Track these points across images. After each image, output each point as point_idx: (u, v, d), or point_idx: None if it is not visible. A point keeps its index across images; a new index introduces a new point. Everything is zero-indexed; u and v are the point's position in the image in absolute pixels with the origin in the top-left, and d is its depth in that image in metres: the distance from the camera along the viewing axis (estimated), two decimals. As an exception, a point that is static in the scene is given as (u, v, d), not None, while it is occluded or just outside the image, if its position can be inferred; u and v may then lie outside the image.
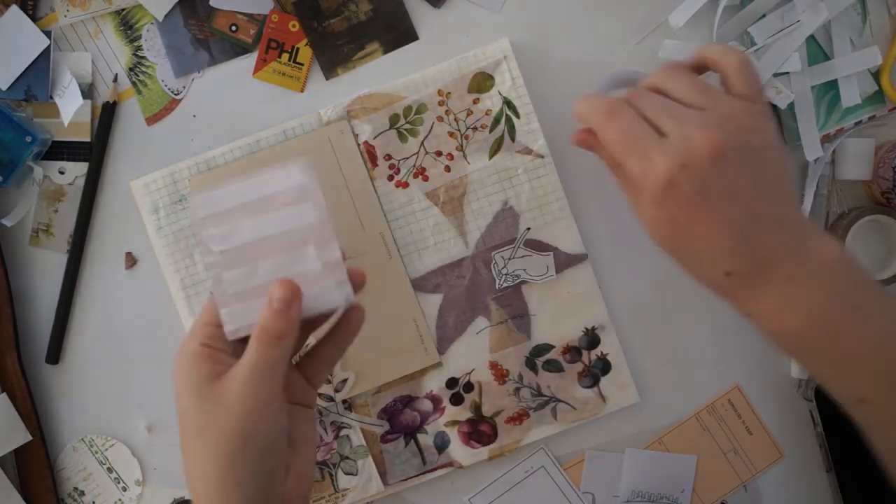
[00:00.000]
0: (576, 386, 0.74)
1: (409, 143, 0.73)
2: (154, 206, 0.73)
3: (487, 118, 0.73)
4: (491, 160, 0.73)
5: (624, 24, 0.75)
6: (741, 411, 0.76)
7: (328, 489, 0.74)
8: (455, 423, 0.74)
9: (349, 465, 0.74)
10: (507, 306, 0.73)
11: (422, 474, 0.74)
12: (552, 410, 0.74)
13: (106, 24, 0.74)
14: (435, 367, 0.74)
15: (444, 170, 0.73)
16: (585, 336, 0.74)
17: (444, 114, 0.73)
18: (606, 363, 0.74)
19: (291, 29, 0.74)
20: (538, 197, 0.73)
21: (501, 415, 0.74)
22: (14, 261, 0.74)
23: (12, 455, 0.73)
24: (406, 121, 0.73)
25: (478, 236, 0.73)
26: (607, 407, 0.74)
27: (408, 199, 0.73)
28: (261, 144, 0.73)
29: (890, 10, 0.75)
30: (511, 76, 0.73)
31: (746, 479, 0.76)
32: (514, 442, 0.74)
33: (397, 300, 0.73)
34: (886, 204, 0.75)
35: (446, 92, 0.73)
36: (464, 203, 0.73)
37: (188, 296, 0.73)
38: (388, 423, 0.74)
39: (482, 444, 0.74)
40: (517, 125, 0.73)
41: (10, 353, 0.73)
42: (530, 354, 0.74)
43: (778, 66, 0.73)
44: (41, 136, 0.72)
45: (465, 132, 0.73)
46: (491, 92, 0.73)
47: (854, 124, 0.75)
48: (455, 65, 0.73)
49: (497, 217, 0.73)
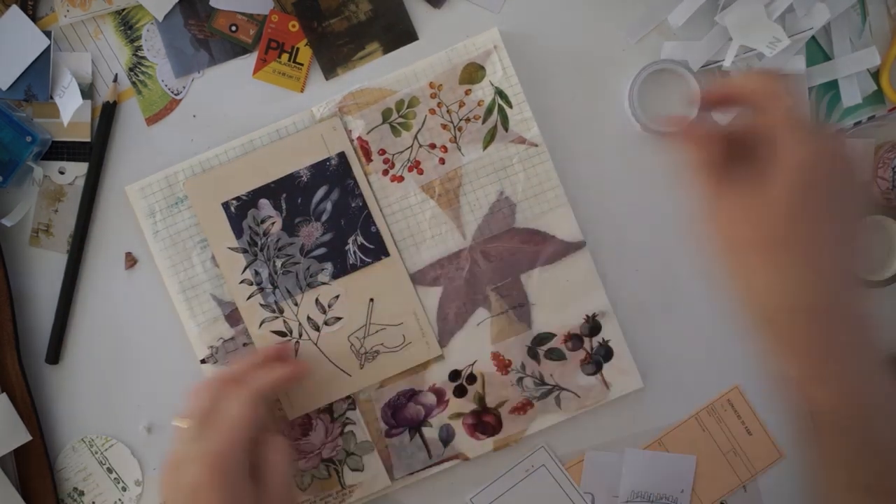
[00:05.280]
0: (579, 373, 0.74)
1: (402, 136, 0.74)
2: (150, 210, 0.73)
3: (480, 109, 0.74)
4: (485, 151, 0.74)
5: (624, 23, 0.76)
6: (741, 411, 0.76)
7: (335, 486, 0.73)
8: (459, 415, 0.73)
9: (355, 461, 0.73)
10: (506, 296, 0.73)
11: (428, 468, 0.73)
12: (556, 399, 0.74)
13: (106, 24, 0.75)
14: (437, 360, 0.74)
15: (439, 162, 0.74)
16: (586, 323, 0.74)
17: (436, 106, 0.74)
18: (608, 350, 0.74)
19: (291, 29, 0.75)
20: (534, 186, 0.74)
21: (505, 405, 0.74)
22: (14, 261, 0.74)
23: (12, 455, 0.73)
24: (399, 115, 0.73)
25: (475, 227, 0.74)
26: (611, 393, 0.74)
27: (403, 193, 0.74)
28: (255, 144, 0.73)
29: (890, 11, 0.75)
30: (502, 66, 0.73)
31: (746, 480, 0.76)
32: (520, 432, 0.73)
33: (397, 294, 0.73)
34: (886, 204, 0.75)
35: (438, 84, 0.74)
36: (460, 195, 0.74)
37: (188, 298, 0.73)
38: (392, 418, 0.73)
39: (487, 436, 0.73)
40: (510, 115, 0.74)
41: (10, 353, 0.72)
42: (532, 343, 0.74)
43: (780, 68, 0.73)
44: (41, 136, 0.73)
45: (458, 124, 0.74)
46: (482, 82, 0.74)
47: (854, 124, 0.75)
48: (445, 56, 0.74)
49: (493, 207, 0.74)
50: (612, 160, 0.76)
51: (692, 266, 0.76)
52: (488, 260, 0.74)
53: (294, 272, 0.73)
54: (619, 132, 0.76)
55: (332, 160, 0.73)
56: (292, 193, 0.73)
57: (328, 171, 0.73)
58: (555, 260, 0.74)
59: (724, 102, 0.58)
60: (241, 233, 0.73)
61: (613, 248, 0.75)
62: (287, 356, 0.72)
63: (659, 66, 0.74)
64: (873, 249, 0.76)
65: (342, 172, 0.73)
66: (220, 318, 0.73)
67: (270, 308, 0.73)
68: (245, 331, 0.73)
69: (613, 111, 0.76)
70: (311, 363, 0.72)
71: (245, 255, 0.73)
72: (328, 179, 0.73)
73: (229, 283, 0.73)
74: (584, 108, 0.76)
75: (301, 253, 0.73)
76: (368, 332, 0.73)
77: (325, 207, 0.73)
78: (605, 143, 0.76)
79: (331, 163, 0.73)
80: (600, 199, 0.75)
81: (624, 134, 0.76)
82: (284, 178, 0.73)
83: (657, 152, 0.76)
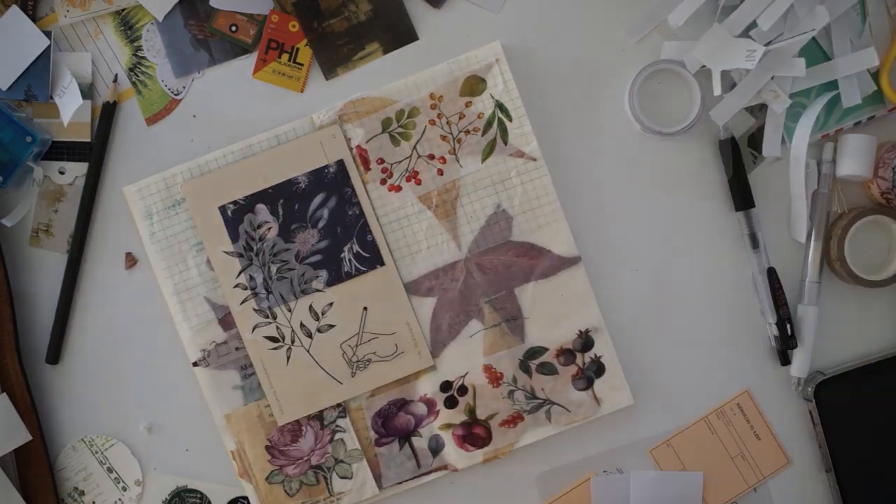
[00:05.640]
0: (570, 388, 0.74)
1: (401, 146, 0.73)
2: (147, 212, 0.73)
3: (480, 121, 0.73)
4: (483, 163, 0.73)
5: (624, 22, 0.75)
6: (750, 416, 0.76)
7: (323, 493, 0.74)
8: (449, 426, 0.74)
9: (344, 468, 0.74)
10: (500, 309, 0.73)
11: (416, 477, 0.74)
12: (546, 413, 0.74)
13: (106, 24, 0.75)
14: (429, 370, 0.74)
15: (437, 173, 0.73)
16: (579, 338, 0.74)
17: (436, 117, 0.73)
18: (600, 365, 0.74)
19: (291, 29, 0.74)
20: (531, 199, 0.73)
21: (496, 418, 0.74)
22: (14, 261, 0.75)
23: (12, 455, 0.74)
24: (398, 124, 0.73)
25: (471, 239, 0.73)
26: (601, 409, 0.74)
27: (400, 202, 0.73)
28: (254, 149, 0.73)
29: (890, 11, 0.74)
30: (503, 79, 0.73)
31: (754, 484, 0.76)
32: (509, 445, 0.74)
33: (390, 304, 0.73)
34: (886, 204, 0.75)
35: (438, 95, 0.73)
36: (457, 206, 0.73)
37: (182, 300, 0.73)
38: (382, 427, 0.74)
39: (476, 447, 0.74)
40: (509, 128, 0.73)
41: (10, 353, 0.73)
42: (524, 357, 0.74)
43: (779, 70, 0.72)
44: (41, 136, 0.73)
45: (457, 135, 0.73)
46: (483, 95, 0.73)
47: (854, 125, 0.74)
48: (447, 68, 0.73)
49: (490, 220, 0.73)
50: (611, 172, 0.75)
51: (689, 280, 0.76)
52: (483, 272, 0.73)
53: (288, 278, 0.73)
54: (619, 136, 0.75)
55: (330, 168, 0.73)
56: (289, 199, 0.73)
57: (326, 178, 0.73)
58: (549, 274, 0.73)
59: None
60: (237, 237, 0.73)
61: (608, 263, 0.75)
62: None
63: (659, 66, 0.74)
64: (873, 249, 0.76)
65: (340, 180, 0.73)
66: (214, 321, 0.73)
67: (264, 313, 0.73)
68: (238, 335, 0.73)
69: (613, 113, 0.75)
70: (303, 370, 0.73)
71: (240, 259, 0.73)
72: (326, 187, 0.73)
73: (223, 287, 0.73)
74: (584, 112, 0.75)
75: (296, 259, 0.73)
76: (361, 341, 0.73)
77: (322, 214, 0.73)
78: (604, 154, 0.75)
79: (329, 170, 0.73)
80: (596, 215, 0.75)
81: (623, 139, 0.75)
82: (282, 184, 0.73)
83: (656, 162, 0.75)
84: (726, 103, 0.73)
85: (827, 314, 0.76)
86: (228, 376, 0.73)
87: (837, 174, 0.74)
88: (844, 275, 0.74)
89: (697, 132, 0.75)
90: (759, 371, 0.76)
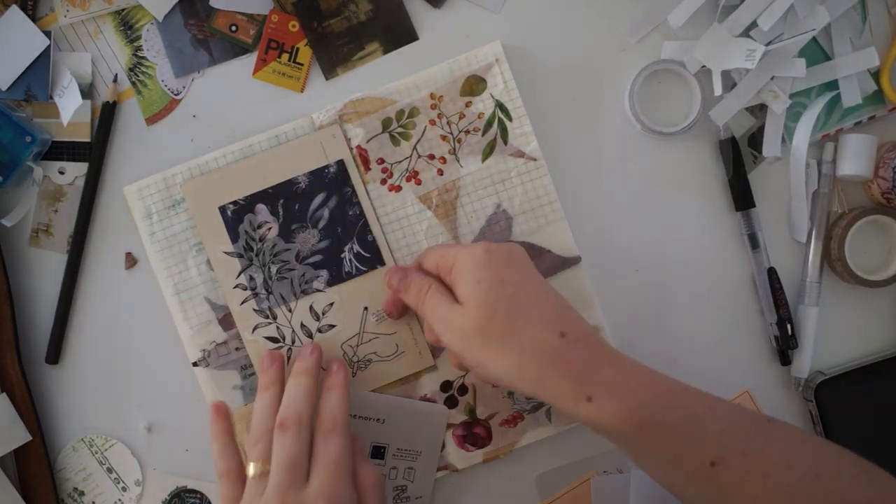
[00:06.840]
0: (570, 389, 0.73)
1: (401, 146, 0.73)
2: (147, 211, 0.73)
3: (480, 121, 0.73)
4: (484, 163, 0.73)
5: (624, 22, 0.75)
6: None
7: (322, 490, 0.74)
8: (450, 426, 0.74)
9: (344, 466, 0.74)
10: (501, 309, 0.73)
11: (416, 476, 0.74)
12: (546, 413, 0.74)
13: (106, 24, 0.75)
14: (429, 370, 0.74)
15: (437, 173, 0.73)
16: (580, 340, 0.73)
17: (436, 117, 0.73)
18: (600, 367, 0.73)
19: (291, 29, 0.74)
20: (531, 200, 0.73)
21: (496, 417, 0.74)
22: (14, 261, 0.75)
23: (12, 455, 0.73)
24: (398, 124, 0.73)
25: (471, 239, 0.73)
26: (601, 411, 0.74)
27: (401, 202, 0.73)
28: (253, 149, 0.73)
29: (890, 11, 0.74)
30: (503, 79, 0.73)
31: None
32: (509, 445, 0.74)
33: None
34: (886, 204, 0.75)
35: (438, 95, 0.73)
36: (457, 206, 0.73)
37: (181, 301, 0.73)
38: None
39: (477, 447, 0.74)
40: (510, 128, 0.73)
41: (10, 353, 0.73)
42: (524, 357, 0.74)
43: (779, 70, 0.72)
44: (41, 136, 0.73)
45: (457, 135, 0.73)
46: (483, 95, 0.73)
47: (854, 124, 0.75)
48: (447, 68, 0.73)
49: (490, 220, 0.73)
50: (611, 172, 0.75)
51: (689, 280, 0.76)
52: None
53: (289, 278, 0.73)
54: (619, 136, 0.75)
55: (330, 167, 0.73)
56: (290, 199, 0.73)
57: (326, 178, 0.73)
58: (550, 274, 0.73)
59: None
60: (237, 237, 0.73)
61: (608, 264, 0.75)
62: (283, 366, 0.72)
63: (659, 67, 0.74)
64: (873, 249, 0.76)
65: (340, 180, 0.73)
66: (214, 321, 0.73)
67: (264, 314, 0.73)
68: (238, 335, 0.73)
69: (614, 113, 0.75)
70: None
71: (240, 259, 0.73)
72: (326, 187, 0.73)
73: (223, 288, 0.73)
74: (584, 112, 0.75)
75: (296, 259, 0.73)
76: (362, 341, 0.73)
77: (322, 215, 0.73)
78: (604, 154, 0.75)
79: (329, 170, 0.73)
80: (597, 215, 0.75)
81: (624, 139, 0.75)
82: (282, 184, 0.73)
83: (656, 162, 0.75)
84: (726, 103, 0.73)
85: (827, 314, 0.76)
86: (228, 376, 0.73)
87: (838, 174, 0.74)
88: (845, 275, 0.74)
89: (697, 132, 0.75)
90: (760, 371, 0.76)
